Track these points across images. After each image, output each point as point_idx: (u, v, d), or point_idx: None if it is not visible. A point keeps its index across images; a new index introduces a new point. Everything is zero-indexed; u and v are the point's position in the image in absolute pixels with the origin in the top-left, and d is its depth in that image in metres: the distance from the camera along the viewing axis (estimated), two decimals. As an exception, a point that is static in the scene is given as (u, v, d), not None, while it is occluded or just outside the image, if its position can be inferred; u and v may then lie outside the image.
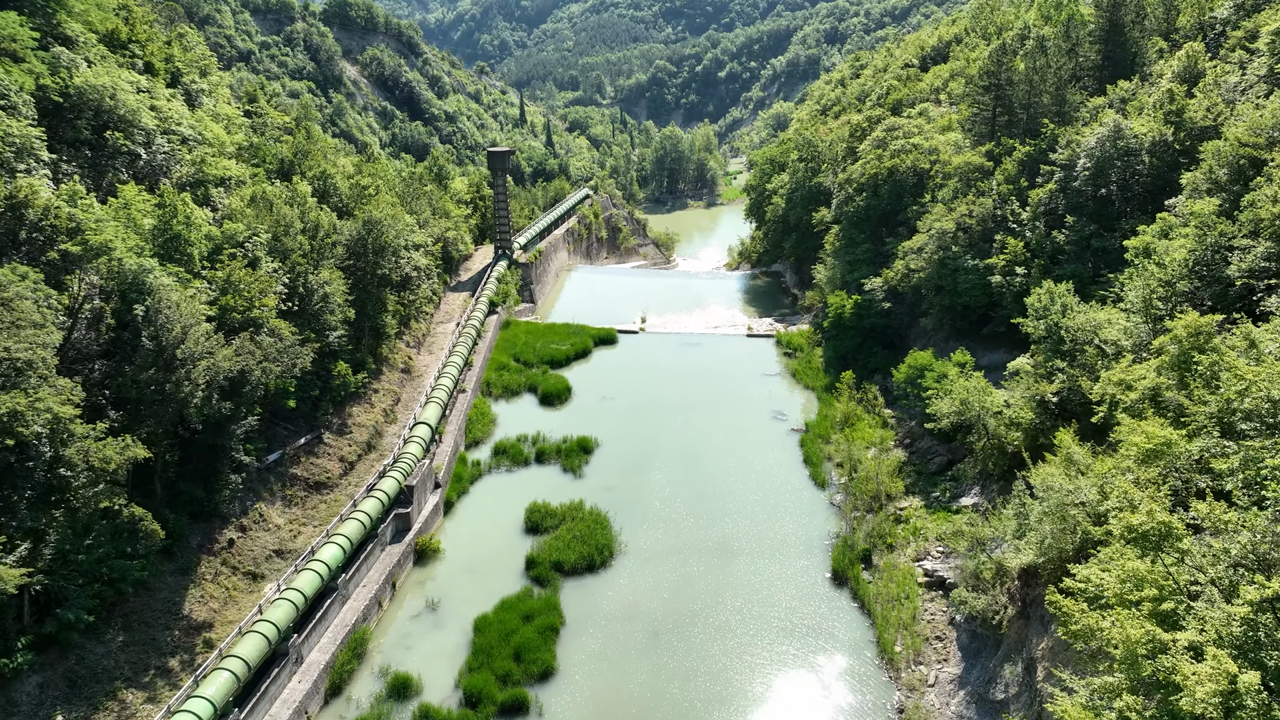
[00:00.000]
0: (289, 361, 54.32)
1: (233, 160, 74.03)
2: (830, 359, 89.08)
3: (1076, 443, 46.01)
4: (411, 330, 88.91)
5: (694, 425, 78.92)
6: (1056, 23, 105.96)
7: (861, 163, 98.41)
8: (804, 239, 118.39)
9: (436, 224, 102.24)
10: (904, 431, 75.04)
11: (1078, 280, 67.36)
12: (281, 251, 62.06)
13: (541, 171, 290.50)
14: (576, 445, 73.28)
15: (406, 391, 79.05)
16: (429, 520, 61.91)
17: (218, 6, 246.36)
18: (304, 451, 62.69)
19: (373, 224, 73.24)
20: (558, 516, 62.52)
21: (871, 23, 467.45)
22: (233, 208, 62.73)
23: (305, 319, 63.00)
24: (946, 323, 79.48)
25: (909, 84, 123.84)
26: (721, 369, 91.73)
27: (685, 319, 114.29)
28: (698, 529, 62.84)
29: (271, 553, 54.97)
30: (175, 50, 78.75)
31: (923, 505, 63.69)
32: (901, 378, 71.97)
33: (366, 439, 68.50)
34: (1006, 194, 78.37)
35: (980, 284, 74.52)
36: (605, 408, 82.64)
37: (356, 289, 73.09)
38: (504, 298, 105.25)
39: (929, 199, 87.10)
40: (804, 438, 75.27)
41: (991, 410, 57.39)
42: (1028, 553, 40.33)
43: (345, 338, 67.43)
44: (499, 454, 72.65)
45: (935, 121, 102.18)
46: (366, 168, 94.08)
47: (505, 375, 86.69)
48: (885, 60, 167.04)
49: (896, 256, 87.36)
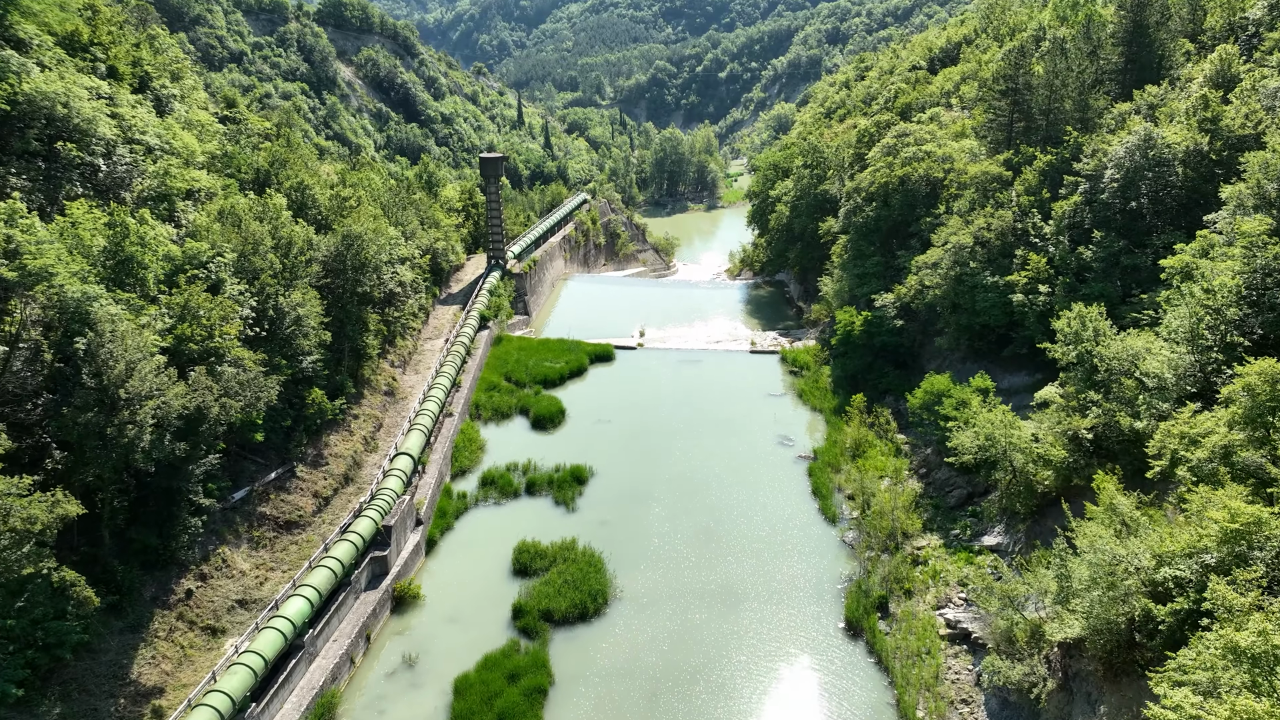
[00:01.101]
0: (252, 396, 49.73)
1: (203, 171, 69.45)
2: (838, 378, 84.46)
3: (1120, 491, 41.41)
4: (397, 348, 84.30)
5: (695, 451, 74.30)
6: (1074, 23, 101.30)
7: (870, 170, 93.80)
8: (809, 249, 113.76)
9: (424, 235, 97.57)
10: (919, 460, 70.43)
11: (1106, 300, 62.81)
12: (249, 272, 57.44)
13: (539, 174, 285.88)
14: (569, 475, 68.67)
15: (389, 416, 74.43)
16: (409, 562, 57.28)
17: (209, 6, 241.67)
18: (274, 487, 58.07)
19: (352, 239, 68.63)
20: (548, 557, 57.93)
21: (874, 23, 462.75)
22: (197, 224, 58.11)
23: (276, 344, 58.39)
24: (963, 342, 74.87)
25: (918, 87, 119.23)
26: (723, 388, 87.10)
27: (685, 332, 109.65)
28: (699, 570, 58.25)
29: (234, 603, 50.33)
30: (144, 53, 74.14)
31: (942, 544, 59.13)
32: (917, 403, 67.37)
33: (344, 470, 63.88)
34: (1027, 206, 73.79)
35: (1000, 303, 69.97)
36: (601, 432, 78.00)
37: (335, 308, 68.51)
38: (496, 311, 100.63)
39: (943, 210, 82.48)
40: (812, 466, 70.68)
41: (1019, 446, 52.77)
42: (1073, 624, 35.69)
43: (321, 362, 62.83)
44: (487, 485, 68.04)
45: (948, 127, 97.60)
46: (350, 176, 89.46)
47: (495, 397, 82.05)
48: (891, 62, 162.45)
49: (909, 271, 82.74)
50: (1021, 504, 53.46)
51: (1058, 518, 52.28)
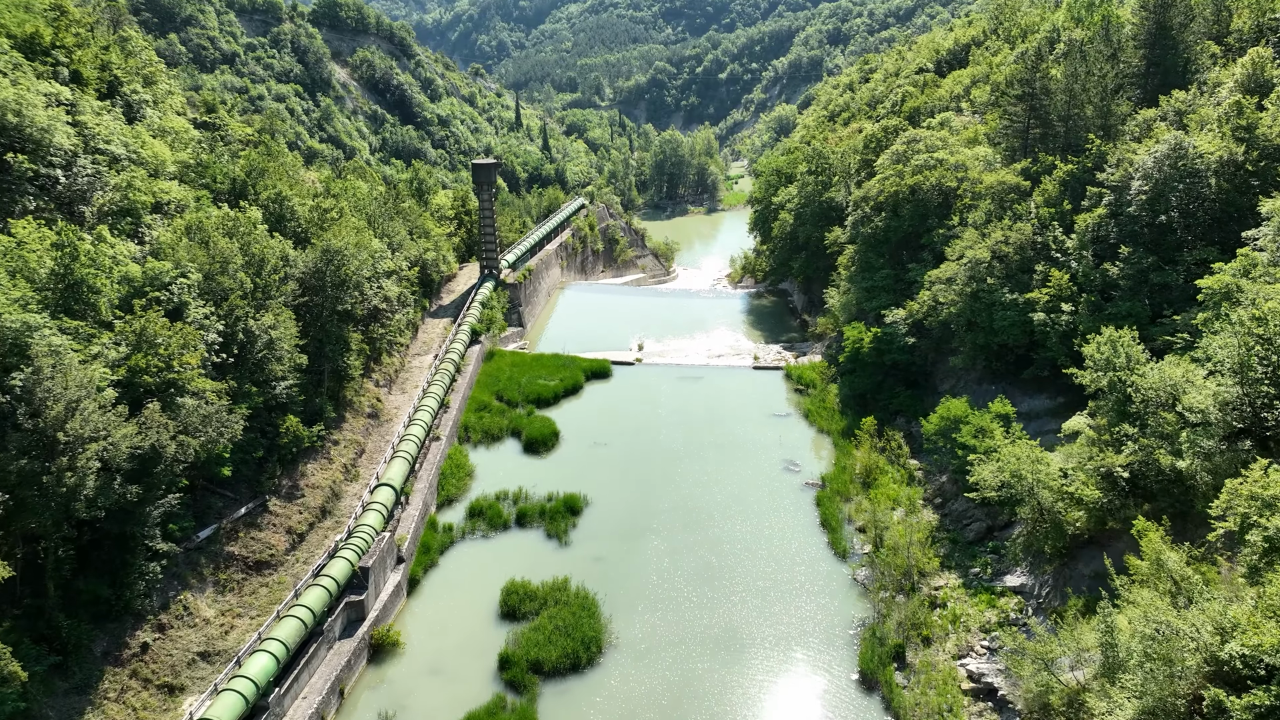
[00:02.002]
0: (214, 432, 45.67)
1: (174, 182, 65.46)
2: (847, 397, 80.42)
3: (1168, 544, 37.39)
4: (382, 366, 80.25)
5: (695, 477, 70.25)
6: (1090, 25, 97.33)
7: (879, 179, 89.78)
8: (814, 258, 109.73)
9: (413, 246, 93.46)
10: (933, 488, 66.42)
11: (1135, 320, 58.94)
12: (217, 293, 53.40)
13: (537, 177, 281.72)
14: (563, 505, 64.63)
15: (373, 440, 70.35)
16: (388, 605, 53.21)
17: (201, 7, 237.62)
18: (244, 524, 53.99)
19: (332, 254, 64.57)
20: (538, 599, 53.85)
21: (875, 23, 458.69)
22: (162, 241, 54.06)
23: (246, 370, 54.36)
24: (980, 362, 70.86)
25: (927, 91, 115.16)
26: (726, 408, 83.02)
27: (685, 345, 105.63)
28: (701, 612, 54.18)
29: (195, 656, 46.26)
30: (113, 56, 70.11)
31: (961, 584, 55.11)
32: (932, 429, 63.36)
33: (321, 503, 59.80)
34: (1047, 218, 69.79)
35: (1019, 321, 65.99)
36: (596, 456, 73.93)
37: (313, 327, 64.50)
38: (488, 324, 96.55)
39: (957, 222, 78.48)
40: (820, 495, 66.62)
41: (1047, 483, 48.72)
42: (1124, 706, 31.61)
43: (296, 387, 58.81)
44: (475, 516, 63.98)
45: (960, 133, 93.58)
46: (335, 185, 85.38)
47: (486, 418, 77.95)
48: (897, 64, 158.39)
49: (920, 285, 78.75)
50: (1049, 545, 49.39)
51: (1091, 561, 48.35)
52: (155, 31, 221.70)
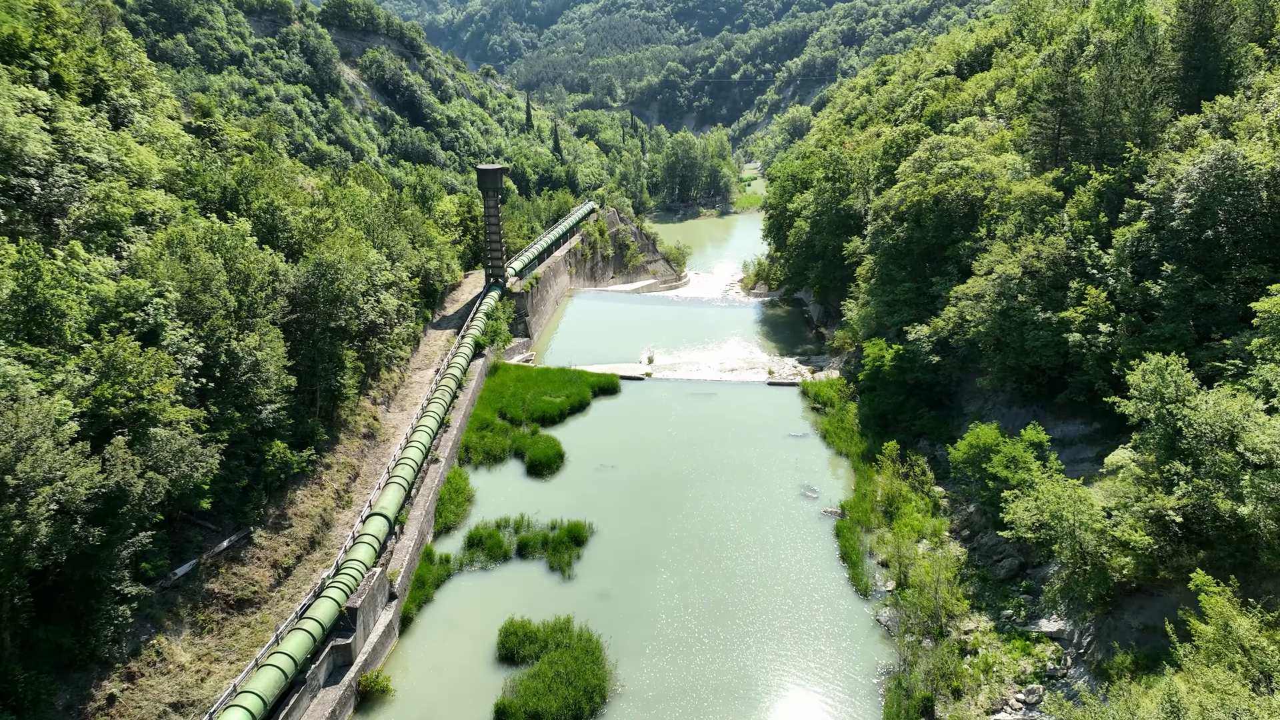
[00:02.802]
0: (187, 467, 42.32)
1: (160, 191, 62.24)
2: (866, 417, 76.57)
3: (1236, 609, 33.55)
4: (380, 382, 76.88)
5: (707, 504, 66.56)
6: (1121, 26, 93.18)
7: (899, 187, 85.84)
8: (831, 268, 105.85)
9: (415, 255, 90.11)
10: (960, 519, 62.54)
11: (1179, 343, 54.97)
12: (197, 312, 50.08)
13: (548, 179, 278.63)
14: (566, 534, 61.06)
15: (368, 463, 66.97)
16: (379, 647, 49.76)
17: (209, 7, 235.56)
18: (225, 559, 50.65)
19: (325, 268, 61.21)
20: (539, 641, 50.29)
21: (890, 24, 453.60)
22: (140, 257, 50.78)
23: (228, 395, 51.03)
24: (1009, 384, 66.95)
25: (949, 94, 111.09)
26: (739, 427, 79.28)
27: (697, 357, 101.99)
28: (713, 656, 50.49)
29: (168, 708, 42.88)
30: (99, 59, 66.98)
31: (992, 627, 51.27)
32: (960, 457, 59.54)
33: (310, 533, 56.42)
34: (1082, 232, 65.78)
35: (1053, 341, 62.04)
36: (603, 479, 70.33)
37: (305, 345, 61.18)
38: (492, 337, 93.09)
39: (984, 234, 74.54)
40: (840, 524, 62.81)
41: (1090, 525, 44.84)
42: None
43: (284, 410, 55.43)
44: (474, 546, 60.48)
45: (985, 140, 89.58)
46: (334, 192, 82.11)
47: (488, 438, 74.46)
48: (915, 66, 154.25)
49: (944, 300, 74.89)
50: (1091, 591, 45.47)
51: (1140, 612, 44.38)
52: (163, 32, 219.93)
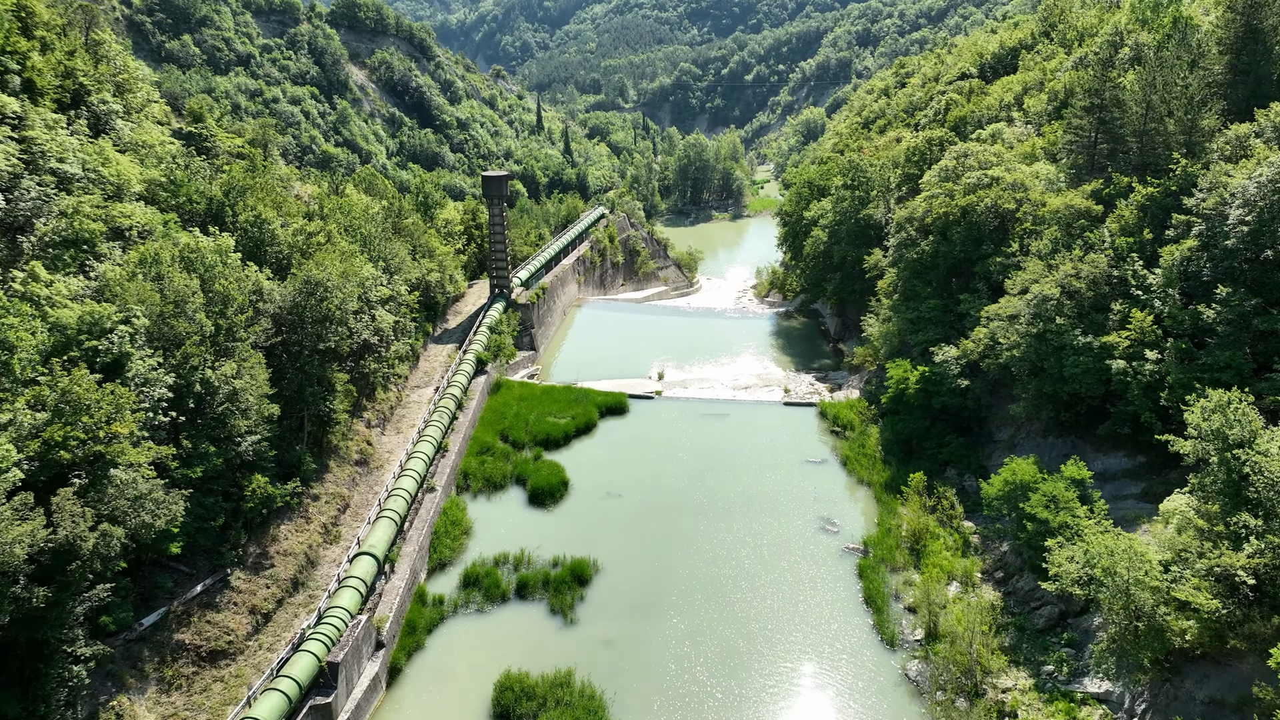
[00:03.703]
0: (148, 515, 38.43)
1: (139, 203, 58.52)
2: (889, 442, 72.20)
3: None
4: (376, 403, 72.99)
5: (720, 538, 62.36)
6: (1158, 28, 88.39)
7: (924, 197, 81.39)
8: (850, 280, 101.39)
9: (415, 268, 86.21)
10: (993, 559, 58.11)
11: (1236, 373, 50.50)
12: (169, 339, 46.25)
13: (558, 182, 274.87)
14: (569, 572, 56.96)
15: (359, 492, 63.06)
16: (363, 703, 45.79)
17: (216, 7, 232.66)
18: (198, 605, 46.77)
19: (313, 286, 57.34)
20: (537, 696, 46.22)
21: (906, 24, 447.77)
22: (109, 277, 46.99)
23: (203, 427, 47.18)
24: (1045, 412, 62.43)
25: (974, 99, 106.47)
26: (754, 452, 75.02)
27: (709, 372, 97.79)
28: (726, 714, 46.34)
29: (126, 778, 39.09)
30: (79, 62, 63.34)
31: (1032, 684, 46.90)
32: (994, 494, 55.19)
33: (293, 573, 52.49)
34: (1125, 249, 61.22)
35: (1094, 368, 57.55)
36: (609, 510, 66.22)
37: (292, 368, 57.31)
38: (496, 352, 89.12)
39: (1016, 249, 70.06)
40: (863, 563, 58.48)
41: (1147, 583, 40.43)
42: None
43: (266, 441, 51.53)
44: (470, 585, 56.46)
45: (1014, 148, 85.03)
46: (330, 202, 78.27)
47: (488, 463, 70.44)
48: (936, 68, 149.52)
49: (973, 318, 70.51)
50: (1148, 655, 41.04)
51: (1205, 682, 39.80)
52: (169, 33, 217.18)
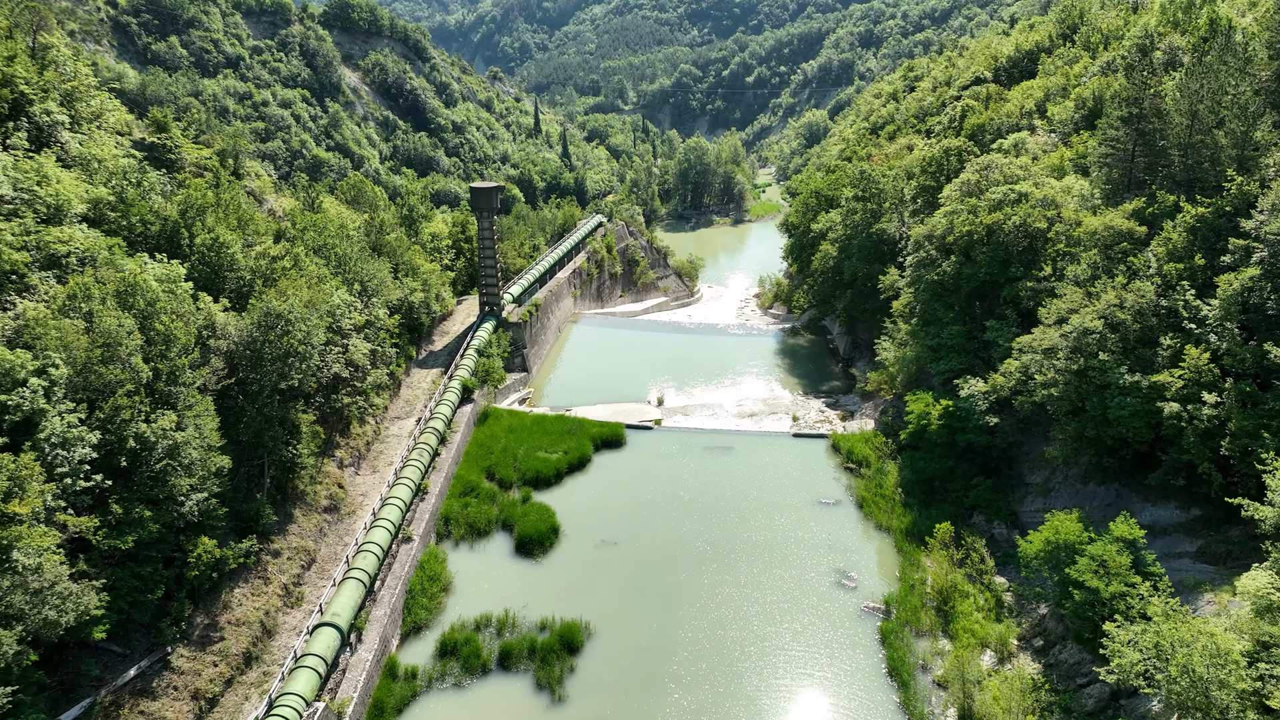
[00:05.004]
0: (53, 611, 32.50)
1: (81, 226, 52.63)
2: (909, 483, 66.36)
3: None
4: (350, 438, 67.10)
5: (726, 595, 56.47)
6: (1193, 30, 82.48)
7: (944, 212, 75.53)
8: (862, 298, 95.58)
9: (397, 288, 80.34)
10: (1031, 623, 52.18)
11: (1310, 422, 44.56)
12: (97, 389, 40.37)
13: (556, 187, 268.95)
14: (558, 639, 51.04)
15: (327, 544, 57.15)
16: (318, 808, 39.93)
17: (205, 8, 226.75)
18: (131, 693, 40.89)
19: (273, 319, 51.45)
20: (519, 798, 40.39)
21: (909, 25, 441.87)
22: (29, 317, 41.12)
23: (137, 490, 41.29)
24: (1085, 457, 56.55)
25: (992, 105, 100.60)
26: (761, 491, 69.13)
27: (712, 396, 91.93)
28: (735, 817, 40.50)
29: None
30: (18, 68, 57.48)
31: (1083, 781, 40.95)
32: (1032, 555, 49.27)
33: (246, 645, 46.58)
34: (1173, 277, 55.32)
35: (1143, 411, 51.63)
36: (603, 561, 60.30)
37: (250, 410, 51.41)
38: (484, 377, 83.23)
39: (1049, 272, 64.17)
40: (885, 626, 52.58)
41: (1233, 684, 34.54)
42: None
43: (215, 499, 45.66)
44: (447, 654, 50.54)
45: (1040, 159, 79.17)
46: (303, 219, 72.35)
47: (472, 506, 64.54)
48: (947, 71, 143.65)
49: (1001, 348, 64.67)
50: (1229, 764, 35.13)
51: (1300, 807, 34.24)
52: (155, 34, 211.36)
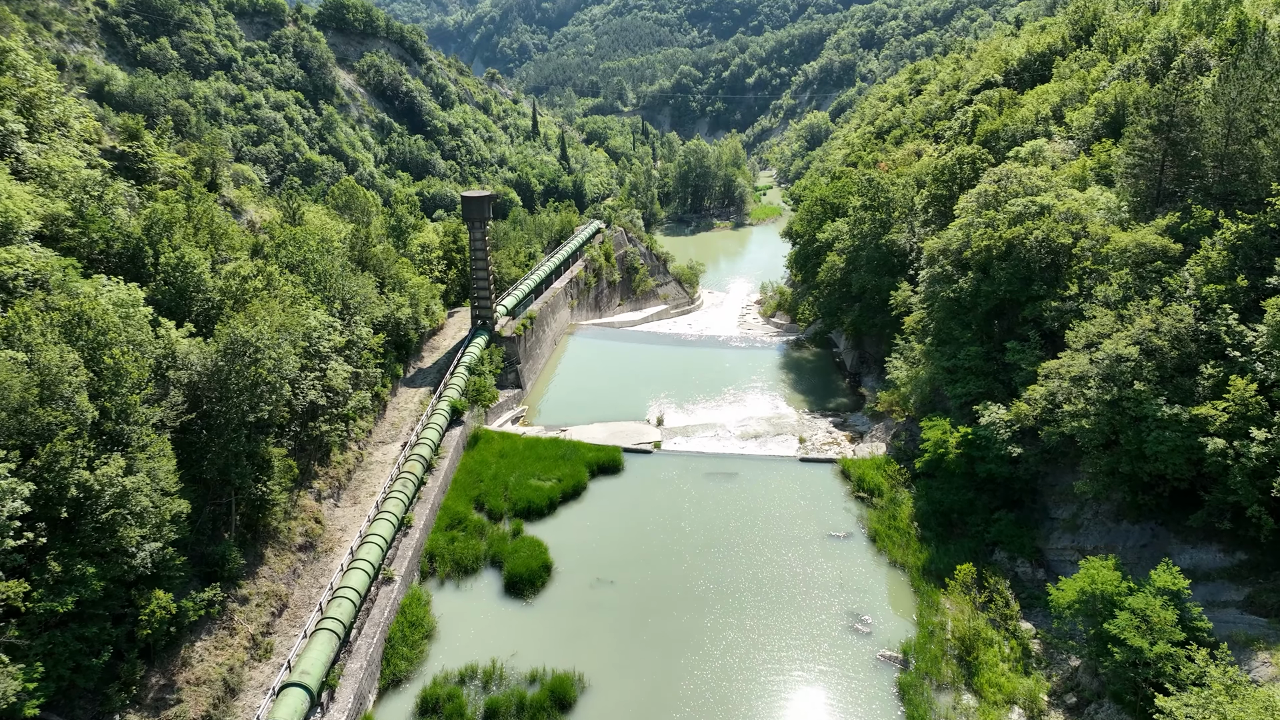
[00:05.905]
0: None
1: (33, 245, 48.59)
2: (925, 515, 62.31)
3: None
4: (330, 467, 63.06)
5: (731, 640, 52.38)
6: (1220, 32, 78.52)
7: (961, 225, 71.56)
8: (871, 312, 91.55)
9: (382, 304, 76.27)
10: (1062, 677, 48.11)
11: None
12: (33, 434, 36.33)
13: (554, 190, 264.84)
14: (549, 694, 46.97)
15: (301, 586, 53.06)
16: None
17: (196, 8, 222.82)
18: (72, 770, 36.88)
19: (240, 347, 47.41)
20: None
21: (911, 26, 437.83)
22: (-39, 352, 37.10)
23: (80, 543, 37.26)
24: (1118, 493, 52.51)
25: (1006, 110, 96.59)
26: (766, 523, 65.06)
27: (714, 415, 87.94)
28: None
29: None
30: (-31, 76, 53.51)
31: None
32: (1065, 605, 45.28)
33: (206, 707, 42.51)
34: (1214, 299, 51.28)
35: (1183, 445, 47.60)
36: (598, 602, 56.20)
37: (215, 445, 47.37)
38: (474, 397, 79.19)
39: (1075, 291, 60.15)
40: (904, 679, 48.49)
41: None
42: None
43: (173, 546, 41.64)
44: (428, 711, 46.44)
45: (1060, 169, 75.19)
46: (283, 232, 68.27)
47: (459, 541, 60.46)
48: (955, 74, 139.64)
49: (1023, 371, 60.73)
50: None
51: None
52: (145, 35, 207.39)
